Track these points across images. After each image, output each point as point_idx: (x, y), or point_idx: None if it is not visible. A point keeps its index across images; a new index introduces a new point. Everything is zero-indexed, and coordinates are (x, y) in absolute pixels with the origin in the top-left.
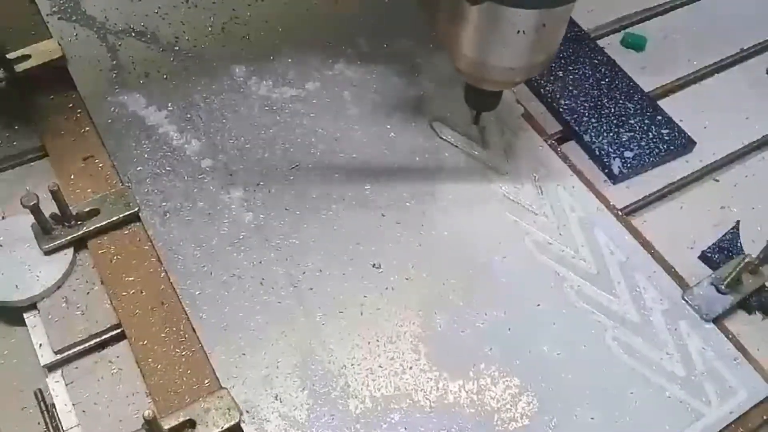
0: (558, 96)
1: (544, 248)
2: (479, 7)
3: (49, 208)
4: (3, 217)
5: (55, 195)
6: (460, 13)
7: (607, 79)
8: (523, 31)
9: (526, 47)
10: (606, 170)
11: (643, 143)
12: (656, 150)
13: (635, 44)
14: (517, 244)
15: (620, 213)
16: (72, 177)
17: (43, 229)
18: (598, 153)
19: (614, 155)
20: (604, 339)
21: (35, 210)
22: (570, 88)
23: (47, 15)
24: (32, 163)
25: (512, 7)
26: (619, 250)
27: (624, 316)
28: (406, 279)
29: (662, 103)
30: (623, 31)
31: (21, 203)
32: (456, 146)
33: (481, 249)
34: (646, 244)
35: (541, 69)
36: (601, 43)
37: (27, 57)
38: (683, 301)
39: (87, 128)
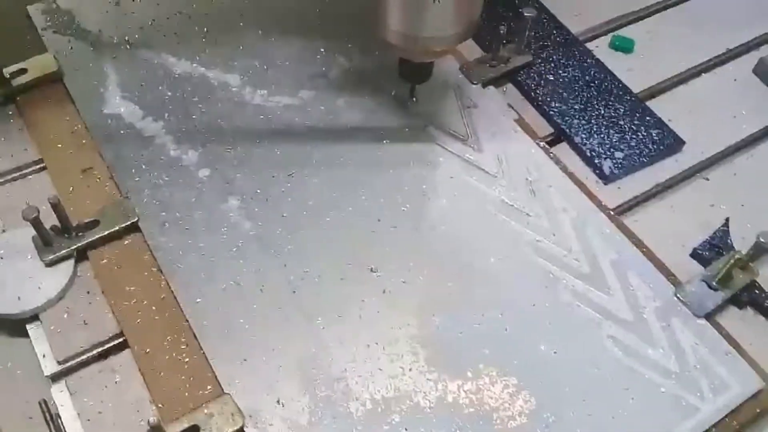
0: (549, 99)
1: (538, 249)
2: None
3: (49, 220)
4: (3, 230)
5: (56, 208)
6: None
7: (596, 82)
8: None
9: (446, 16)
10: (597, 171)
11: (633, 144)
12: (646, 150)
13: (623, 47)
14: (512, 246)
15: (612, 213)
16: (71, 189)
17: (44, 241)
18: (589, 154)
19: (605, 156)
20: (599, 337)
21: (36, 223)
22: (560, 91)
23: (42, 29)
24: (31, 176)
25: None
26: (611, 249)
27: (618, 314)
28: (403, 282)
29: (651, 104)
30: (611, 34)
31: (22, 216)
32: (450, 151)
33: (477, 251)
34: (638, 243)
35: (465, 38)
36: (589, 46)
37: (23, 71)
38: (675, 298)
39: (84, 140)
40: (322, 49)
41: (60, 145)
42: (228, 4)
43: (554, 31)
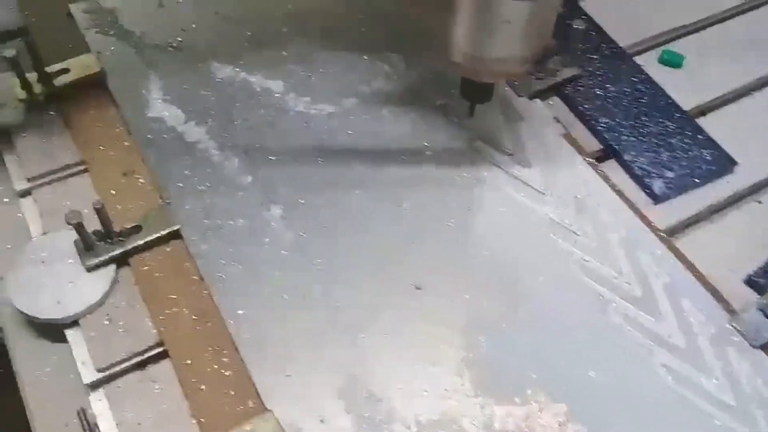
0: (597, 114)
1: (586, 269)
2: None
3: (89, 223)
4: (45, 232)
5: (100, 212)
6: (456, 8)
7: (645, 98)
8: (510, 21)
9: (516, 37)
10: (647, 190)
11: (684, 163)
12: (697, 170)
13: (672, 62)
14: (560, 265)
15: (663, 234)
16: (113, 192)
17: (86, 245)
18: (639, 173)
19: (655, 175)
20: (652, 364)
21: (79, 227)
22: (609, 106)
23: (85, 29)
24: (72, 178)
25: None
26: (663, 272)
27: (670, 340)
28: (448, 300)
29: (701, 122)
30: (660, 48)
31: (66, 220)
32: (496, 165)
33: (524, 269)
34: (691, 267)
35: (534, 62)
36: (637, 60)
37: (66, 71)
38: (730, 327)
39: (126, 143)
40: (366, 57)
41: (102, 147)
42: (272, 8)
43: (602, 44)
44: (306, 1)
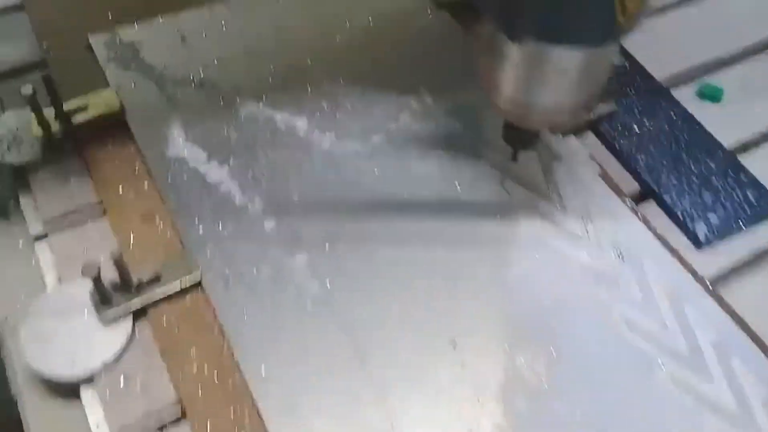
0: (634, 152)
1: (630, 323)
2: (520, 45)
3: (107, 269)
4: (60, 280)
5: (118, 263)
6: (498, 49)
7: (685, 134)
8: (567, 70)
9: (570, 87)
10: (690, 235)
11: (728, 205)
12: (743, 214)
13: (711, 95)
14: (601, 318)
15: (709, 284)
16: (131, 237)
17: (103, 298)
18: (681, 216)
19: (698, 219)
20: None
21: (96, 281)
22: (646, 143)
23: (105, 63)
24: (89, 221)
25: (557, 44)
26: (710, 326)
27: (721, 405)
28: (484, 357)
29: (742, 159)
30: (698, 80)
31: (82, 273)
32: (530, 207)
33: (562, 323)
34: (740, 321)
35: (587, 111)
36: (674, 93)
37: (84, 108)
38: None
39: (146, 183)
40: (394, 92)
41: (121, 189)
42: (296, 42)
43: (638, 78)
44: (332, 34)
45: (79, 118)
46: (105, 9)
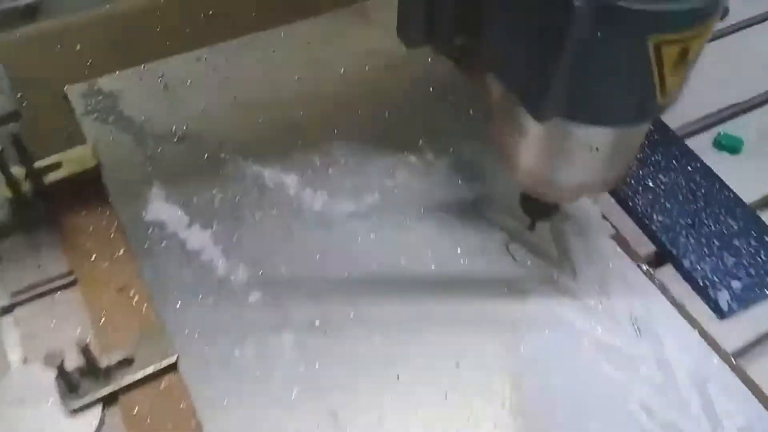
0: (650, 211)
1: (648, 409)
2: (547, 123)
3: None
4: (25, 360)
5: (84, 351)
6: (522, 125)
7: (703, 190)
8: (597, 148)
9: (599, 164)
10: (711, 304)
11: (751, 270)
12: (767, 278)
13: (730, 146)
14: (617, 403)
15: (733, 360)
16: (103, 312)
17: (69, 387)
18: (701, 283)
19: (720, 286)
20: None
21: (61, 370)
22: (662, 200)
23: (81, 115)
24: (59, 292)
25: (589, 124)
26: (737, 411)
27: None
28: None
29: (765, 216)
30: (715, 129)
31: (44, 363)
32: (538, 275)
33: (575, 409)
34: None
35: (613, 185)
36: (690, 143)
37: (58, 166)
38: None
39: (122, 250)
40: (391, 146)
41: (94, 257)
42: (287, 91)
43: (651, 127)
44: (325, 83)
45: (51, 177)
46: (85, 57)
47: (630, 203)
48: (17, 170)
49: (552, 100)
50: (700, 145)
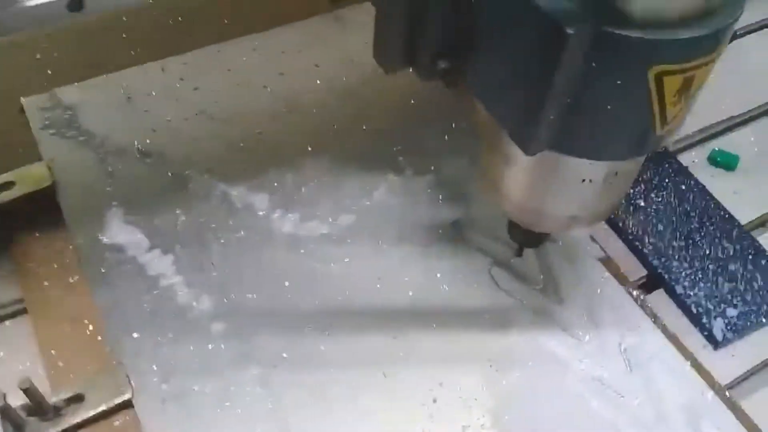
0: (641, 233)
1: None
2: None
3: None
4: None
5: (28, 392)
6: (509, 154)
7: (697, 210)
8: (591, 180)
9: (592, 196)
10: (705, 333)
11: (748, 297)
12: (765, 306)
13: (725, 162)
14: None
15: (728, 394)
16: (55, 344)
17: (15, 427)
18: (695, 311)
19: (715, 314)
20: None
21: (5, 409)
22: (654, 221)
23: (38, 129)
24: (9, 321)
25: (583, 158)
26: None
27: None
28: None
29: (761, 238)
30: (709, 143)
31: None
32: (522, 302)
33: None
34: None
35: (607, 217)
36: (683, 159)
37: (11, 184)
38: None
39: (76, 277)
40: (369, 163)
41: (46, 283)
42: (257, 103)
43: None
44: (299, 95)
45: (3, 197)
46: (44, 67)
47: (620, 224)
48: None
49: (542, 132)
50: (694, 160)
